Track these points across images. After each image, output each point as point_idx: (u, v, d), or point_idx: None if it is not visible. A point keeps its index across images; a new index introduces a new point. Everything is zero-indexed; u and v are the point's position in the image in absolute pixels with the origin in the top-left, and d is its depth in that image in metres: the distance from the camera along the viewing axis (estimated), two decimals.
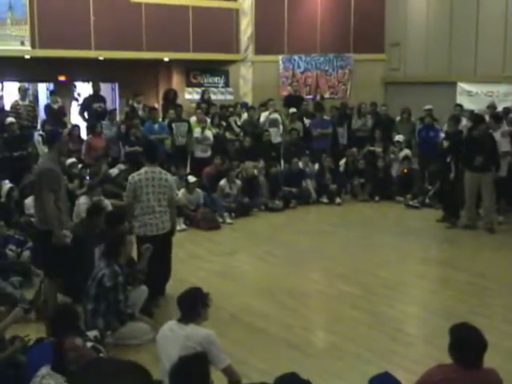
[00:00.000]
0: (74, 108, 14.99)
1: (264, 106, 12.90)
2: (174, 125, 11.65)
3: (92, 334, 5.14)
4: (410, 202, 11.16)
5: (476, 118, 9.91)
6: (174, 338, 4.12)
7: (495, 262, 7.97)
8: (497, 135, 9.70)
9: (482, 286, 7.02)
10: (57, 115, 11.96)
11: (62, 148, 6.11)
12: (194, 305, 4.30)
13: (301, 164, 11.62)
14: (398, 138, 12.09)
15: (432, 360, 3.77)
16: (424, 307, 6.61)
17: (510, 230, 9.43)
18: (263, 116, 12.59)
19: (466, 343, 3.46)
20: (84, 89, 15.52)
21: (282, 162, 12.31)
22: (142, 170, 6.48)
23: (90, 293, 5.45)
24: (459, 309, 6.10)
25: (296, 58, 15.35)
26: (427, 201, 11.01)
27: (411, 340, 5.70)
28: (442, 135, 11.09)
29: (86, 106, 12.42)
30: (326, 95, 15.21)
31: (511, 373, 4.20)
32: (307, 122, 12.80)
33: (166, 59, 14.73)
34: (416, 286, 7.36)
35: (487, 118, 10.67)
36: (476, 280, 7.22)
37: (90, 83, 13.10)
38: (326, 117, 12.78)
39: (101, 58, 13.67)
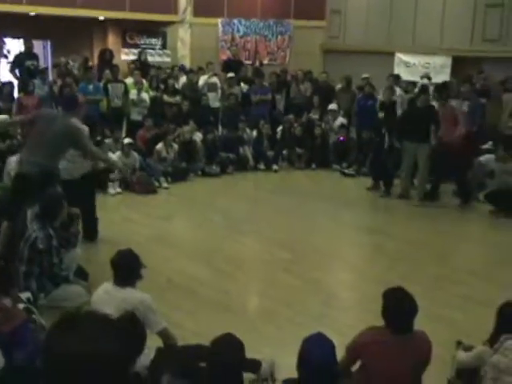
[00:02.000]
0: (3, 65, 14.36)
1: (202, 69, 12.72)
2: (109, 86, 11.34)
3: (25, 295, 5.01)
4: (346, 171, 11.33)
5: (421, 88, 10.07)
6: (109, 301, 4.06)
7: (427, 231, 8.21)
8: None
9: (414, 253, 7.23)
10: None
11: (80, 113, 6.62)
12: (131, 267, 4.25)
13: (247, 130, 11.61)
14: (332, 106, 12.16)
15: (365, 324, 3.85)
16: (357, 273, 6.75)
17: (441, 200, 9.70)
18: (202, 80, 12.41)
19: (397, 308, 3.53)
20: (14, 45, 14.86)
21: (220, 127, 12.22)
22: None
23: (22, 255, 5.31)
24: (391, 275, 6.24)
25: (236, 21, 15.16)
26: (364, 169, 11.18)
27: (344, 304, 5.83)
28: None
29: (17, 63, 11.94)
30: (265, 61, 15.12)
31: (439, 335, 4.35)
32: (245, 87, 12.70)
33: (102, 18, 14.26)
34: (349, 252, 7.51)
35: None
36: (408, 248, 7.42)
37: (21, 40, 12.56)
38: (265, 83, 12.72)
39: (32, 14, 13.09)
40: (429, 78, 11.61)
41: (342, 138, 11.67)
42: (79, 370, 1.35)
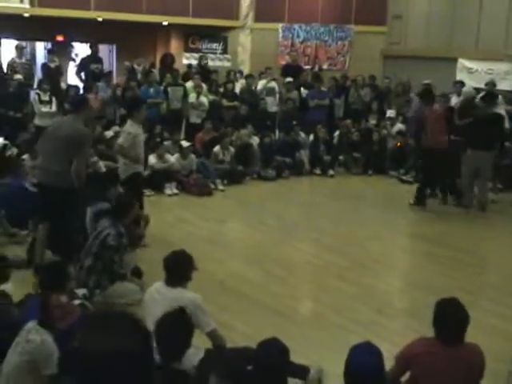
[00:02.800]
0: (71, 68, 14.86)
1: (262, 74, 12.82)
2: (169, 89, 11.58)
3: (80, 292, 5.18)
4: (403, 177, 11.17)
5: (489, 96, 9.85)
6: (160, 300, 4.15)
7: (484, 241, 8.02)
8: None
9: (469, 263, 7.07)
10: (53, 75, 11.86)
11: (88, 114, 6.34)
12: (182, 268, 4.32)
13: (302, 135, 11.63)
14: (390, 113, 12.05)
15: (415, 333, 3.82)
16: (409, 281, 6.67)
17: (502, 210, 9.45)
18: (260, 84, 12.51)
19: (448, 318, 3.48)
20: (82, 49, 15.35)
21: (277, 132, 12.26)
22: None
23: (91, 250, 5.46)
24: (444, 284, 6.14)
25: (296, 27, 15.18)
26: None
27: (395, 313, 5.76)
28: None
29: (83, 66, 12.35)
30: (325, 66, 15.08)
31: (493, 349, 4.25)
32: (304, 92, 12.72)
33: (165, 23, 14.56)
34: (403, 260, 7.41)
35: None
36: (463, 257, 7.26)
37: (88, 44, 12.97)
38: (323, 88, 12.70)
39: (99, 19, 13.51)
40: (494, 85, 11.31)
41: (398, 144, 11.53)
42: (106, 367, 1.41)
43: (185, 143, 10.19)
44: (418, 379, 3.56)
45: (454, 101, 10.89)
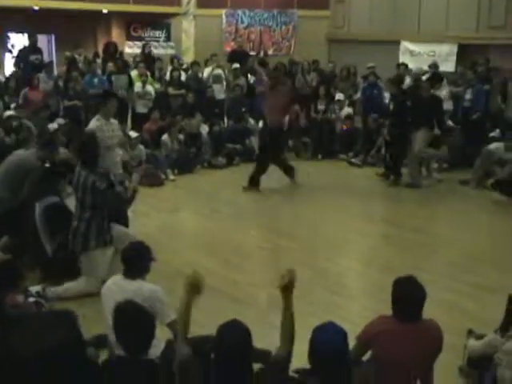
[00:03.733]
0: (8, 60, 14.37)
1: (208, 61, 12.71)
2: (113, 77, 11.34)
3: (34, 289, 5.04)
4: (352, 160, 11.29)
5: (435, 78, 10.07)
6: (119, 293, 4.06)
7: (436, 219, 8.20)
8: (439, 94, 9.96)
9: (423, 242, 7.21)
10: None
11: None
12: (140, 259, 4.26)
13: (251, 121, 11.60)
14: (339, 96, 12.15)
15: (374, 313, 3.85)
16: (365, 262, 6.74)
17: (451, 188, 9.67)
18: (206, 72, 12.38)
19: (405, 296, 3.52)
20: (18, 40, 14.86)
21: (226, 119, 12.19)
22: None
23: (85, 204, 5.37)
24: (401, 264, 6.23)
25: (239, 12, 15.10)
26: (369, 159, 11.15)
27: (353, 293, 5.82)
28: (386, 94, 11.24)
29: (22, 57, 11.95)
30: (270, 52, 15.09)
31: (450, 324, 4.34)
32: (252, 78, 12.67)
33: (105, 11, 14.23)
34: (357, 241, 7.48)
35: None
36: (416, 236, 7.41)
37: (26, 34, 12.57)
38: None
39: (36, 8, 13.08)
40: (436, 67, 11.54)
41: (344, 128, 11.64)
42: (36, 366, 1.43)
43: (132, 133, 10.01)
44: (379, 357, 3.60)
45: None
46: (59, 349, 1.45)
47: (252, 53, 14.63)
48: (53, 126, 9.90)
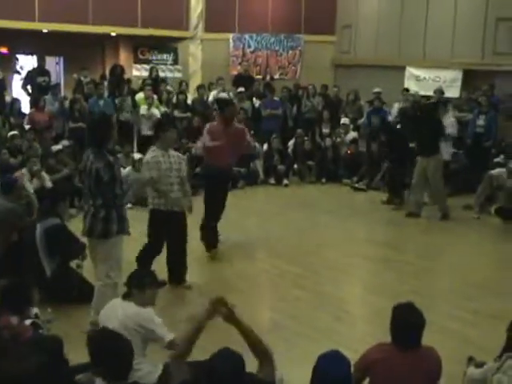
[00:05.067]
0: (16, 81, 14.50)
1: (212, 84, 12.80)
2: (117, 100, 11.44)
3: (32, 311, 5.00)
4: (356, 185, 11.27)
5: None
6: (113, 316, 4.03)
7: (437, 245, 8.14)
8: (444, 120, 9.96)
9: (424, 267, 7.15)
10: None
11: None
12: (141, 284, 4.19)
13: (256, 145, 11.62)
14: (344, 120, 12.21)
15: (374, 339, 3.80)
16: (366, 287, 6.69)
17: (455, 214, 9.61)
18: (212, 95, 12.45)
19: (403, 323, 3.48)
20: (27, 62, 15.01)
21: None
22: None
23: (93, 191, 5.06)
24: (401, 289, 6.19)
25: (247, 37, 15.21)
26: (374, 184, 11.13)
27: (354, 320, 5.76)
28: (390, 118, 11.25)
29: (29, 79, 12.07)
30: (276, 76, 15.16)
31: (451, 352, 4.28)
32: (257, 102, 12.74)
33: (113, 34, 14.37)
34: (360, 266, 7.43)
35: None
36: (418, 262, 7.36)
37: (34, 56, 12.70)
38: (276, 97, 12.75)
39: (45, 31, 13.23)
40: (442, 92, 11.57)
41: (349, 152, 11.65)
42: None
43: (137, 155, 10.03)
44: None
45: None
46: (37, 375, 1.43)
47: (258, 77, 14.70)
48: (57, 147, 9.97)
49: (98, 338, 3.34)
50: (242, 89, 12.57)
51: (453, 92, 12.40)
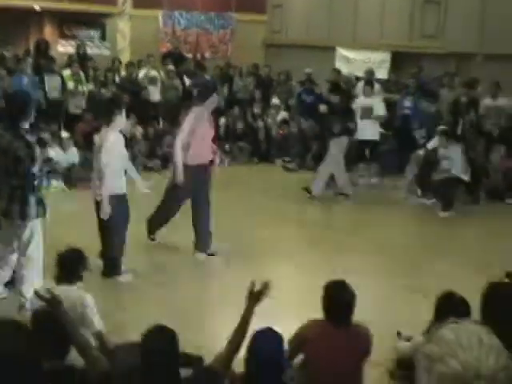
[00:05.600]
0: None
1: (141, 61, 12.54)
2: (45, 77, 11.00)
3: None
4: (288, 165, 11.34)
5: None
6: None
7: (364, 223, 8.33)
8: (372, 100, 10.13)
9: (354, 245, 7.29)
10: None
11: None
12: (75, 266, 4.17)
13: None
14: (275, 101, 12.23)
15: (305, 318, 3.83)
16: (297, 266, 6.74)
17: (383, 194, 9.84)
18: (141, 73, 12.19)
19: (334, 299, 3.54)
20: None
21: (161, 121, 12.03)
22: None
23: (9, 170, 4.83)
24: (331, 267, 6.26)
25: (177, 14, 14.95)
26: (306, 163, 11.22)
27: (283, 297, 5.80)
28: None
29: None
30: (207, 55, 15.01)
31: (381, 328, 4.37)
32: (187, 80, 12.56)
33: (38, 8, 13.81)
34: (291, 246, 7.49)
35: (361, 83, 11.16)
36: (348, 239, 7.50)
37: None
38: (207, 76, 12.60)
39: None
40: (372, 74, 11.76)
41: (280, 132, 11.70)
42: None
43: (65, 134, 9.73)
44: (310, 361, 3.59)
45: None
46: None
47: (189, 55, 14.50)
48: None
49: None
50: (172, 67, 12.36)
51: (381, 73, 12.62)
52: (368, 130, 10.10)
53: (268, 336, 3.17)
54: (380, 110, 10.32)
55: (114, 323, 4.77)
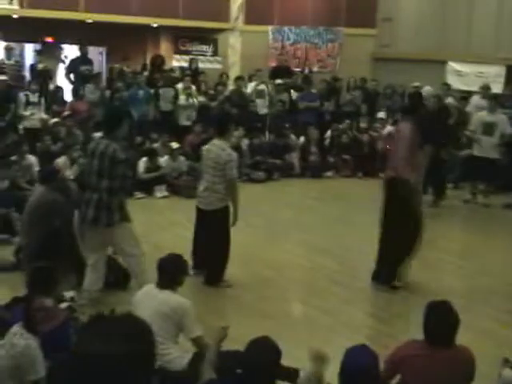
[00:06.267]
0: (61, 70, 14.75)
1: (253, 76, 12.83)
2: (160, 90, 11.55)
3: (69, 294, 5.12)
4: None
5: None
6: (148, 301, 4.11)
7: (476, 244, 8.03)
8: (497, 117, 9.72)
9: (461, 266, 7.06)
10: (42, 76, 11.79)
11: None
12: (176, 271, 4.30)
13: (292, 137, 11.65)
14: (381, 115, 12.09)
15: (407, 336, 3.78)
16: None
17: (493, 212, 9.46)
18: (250, 87, 12.48)
19: (437, 321, 3.45)
20: (71, 51, 15.24)
21: (267, 134, 12.24)
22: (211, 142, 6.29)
23: (103, 173, 5.22)
24: (437, 288, 6.10)
25: (286, 29, 15.15)
26: None
27: (386, 316, 5.72)
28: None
29: (72, 68, 12.27)
30: (315, 68, 15.07)
31: (486, 353, 4.23)
32: (295, 94, 12.71)
33: (155, 25, 14.49)
34: None
35: (478, 98, 10.77)
36: (456, 261, 7.27)
37: (78, 46, 12.89)
38: (313, 90, 12.71)
39: (89, 21, 13.41)
40: (488, 88, 11.36)
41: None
42: (99, 369, 1.39)
43: (174, 145, 10.14)
44: (408, 382, 3.53)
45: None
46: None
47: (297, 69, 14.66)
48: (98, 134, 10.14)
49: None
50: (279, 81, 12.56)
51: (496, 88, 12.14)
52: (489, 148, 9.69)
53: (361, 353, 3.15)
54: (508, 127, 9.79)
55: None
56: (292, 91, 12.76)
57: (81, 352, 1.42)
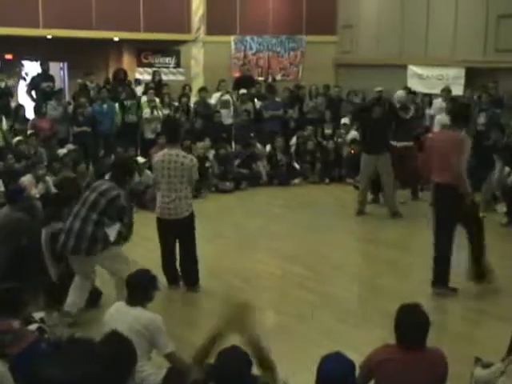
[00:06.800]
0: (22, 87, 14.57)
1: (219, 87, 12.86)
2: (125, 102, 11.52)
3: (38, 315, 5.03)
4: (359, 184, 11.23)
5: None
6: (121, 319, 4.07)
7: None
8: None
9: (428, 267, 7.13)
10: (3, 94, 11.63)
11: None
12: (143, 287, 4.27)
13: (259, 146, 11.69)
14: (344, 120, 12.22)
15: (379, 341, 3.79)
16: (371, 288, 6.68)
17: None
18: (214, 97, 12.49)
19: (407, 323, 3.47)
20: (32, 68, 15.07)
21: (234, 144, 12.26)
22: (161, 152, 6.33)
23: (97, 204, 5.35)
24: (405, 290, 6.17)
25: (248, 39, 15.22)
26: None
27: (358, 321, 5.76)
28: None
29: (33, 85, 12.15)
30: (278, 77, 15.18)
31: (457, 353, 4.28)
32: (259, 103, 12.77)
33: (116, 39, 14.42)
34: (363, 267, 7.44)
35: (440, 100, 10.99)
36: (422, 262, 7.33)
37: (38, 62, 12.75)
38: (277, 99, 12.79)
39: (49, 37, 13.28)
40: (449, 91, 11.56)
41: (352, 152, 11.64)
42: None
43: (141, 159, 10.08)
44: None
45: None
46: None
47: (260, 78, 14.73)
48: (63, 151, 10.05)
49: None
50: (243, 90, 12.61)
51: (456, 90, 12.36)
52: None
53: (337, 361, 3.16)
54: None
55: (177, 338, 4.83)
56: (256, 100, 12.81)
57: (39, 379, 1.41)
